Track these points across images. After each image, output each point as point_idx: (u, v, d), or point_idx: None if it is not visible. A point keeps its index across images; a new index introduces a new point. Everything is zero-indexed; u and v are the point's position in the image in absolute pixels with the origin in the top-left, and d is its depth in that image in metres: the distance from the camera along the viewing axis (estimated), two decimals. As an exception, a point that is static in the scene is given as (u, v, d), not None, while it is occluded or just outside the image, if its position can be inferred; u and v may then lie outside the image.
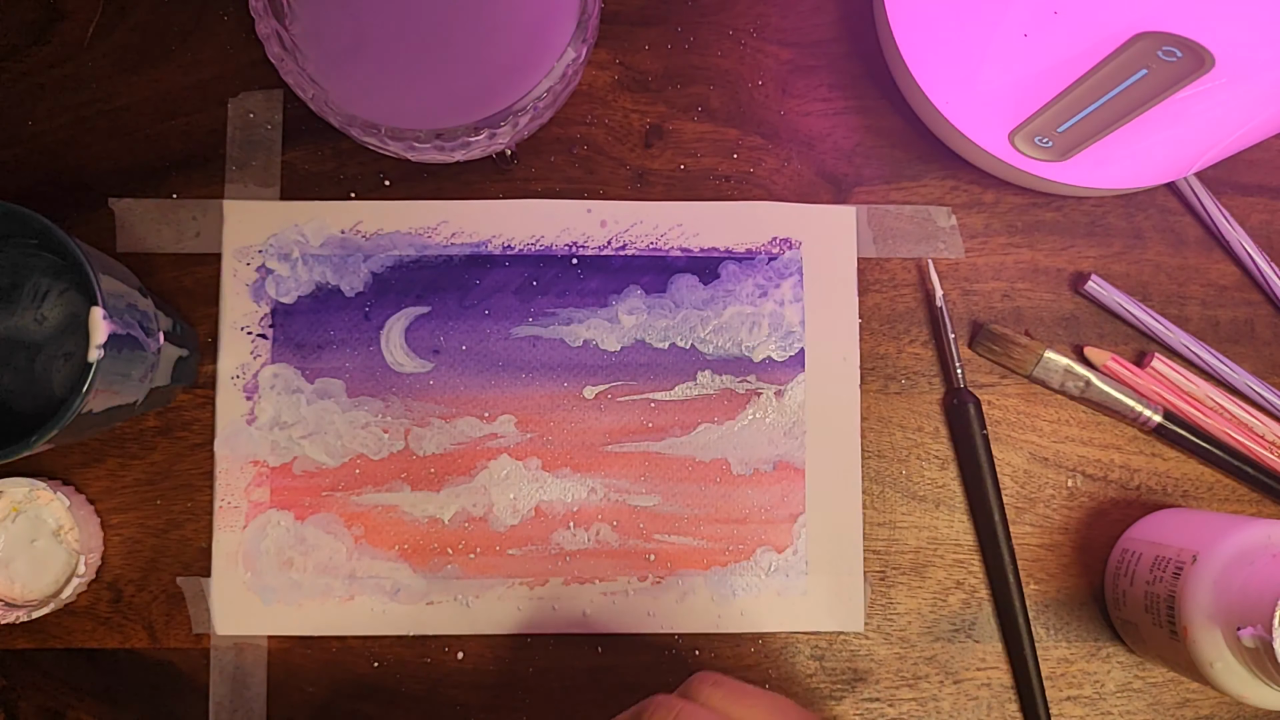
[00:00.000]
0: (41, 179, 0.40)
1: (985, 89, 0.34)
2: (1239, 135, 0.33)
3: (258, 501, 0.39)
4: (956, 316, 0.41)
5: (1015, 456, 0.41)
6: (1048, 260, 0.42)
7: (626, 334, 0.40)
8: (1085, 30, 0.29)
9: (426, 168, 0.41)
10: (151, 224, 0.40)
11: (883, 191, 0.42)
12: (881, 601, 0.40)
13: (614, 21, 0.41)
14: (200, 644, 0.39)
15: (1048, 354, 0.40)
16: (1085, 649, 0.40)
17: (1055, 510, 0.41)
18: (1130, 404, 0.40)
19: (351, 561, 0.39)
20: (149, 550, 0.39)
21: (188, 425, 0.40)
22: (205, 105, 0.40)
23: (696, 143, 0.41)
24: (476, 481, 0.40)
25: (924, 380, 0.41)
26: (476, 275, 0.40)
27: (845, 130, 0.42)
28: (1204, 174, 0.42)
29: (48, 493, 0.37)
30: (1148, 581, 0.37)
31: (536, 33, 0.35)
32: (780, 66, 0.42)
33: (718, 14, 0.42)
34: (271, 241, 0.40)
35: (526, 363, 0.40)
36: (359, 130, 0.32)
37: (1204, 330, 0.42)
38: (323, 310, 0.40)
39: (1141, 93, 0.30)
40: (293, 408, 0.40)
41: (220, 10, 0.41)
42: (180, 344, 0.37)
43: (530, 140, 0.41)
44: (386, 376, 0.40)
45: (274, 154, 0.40)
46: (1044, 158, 0.36)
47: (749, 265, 0.41)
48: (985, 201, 0.42)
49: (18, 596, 0.37)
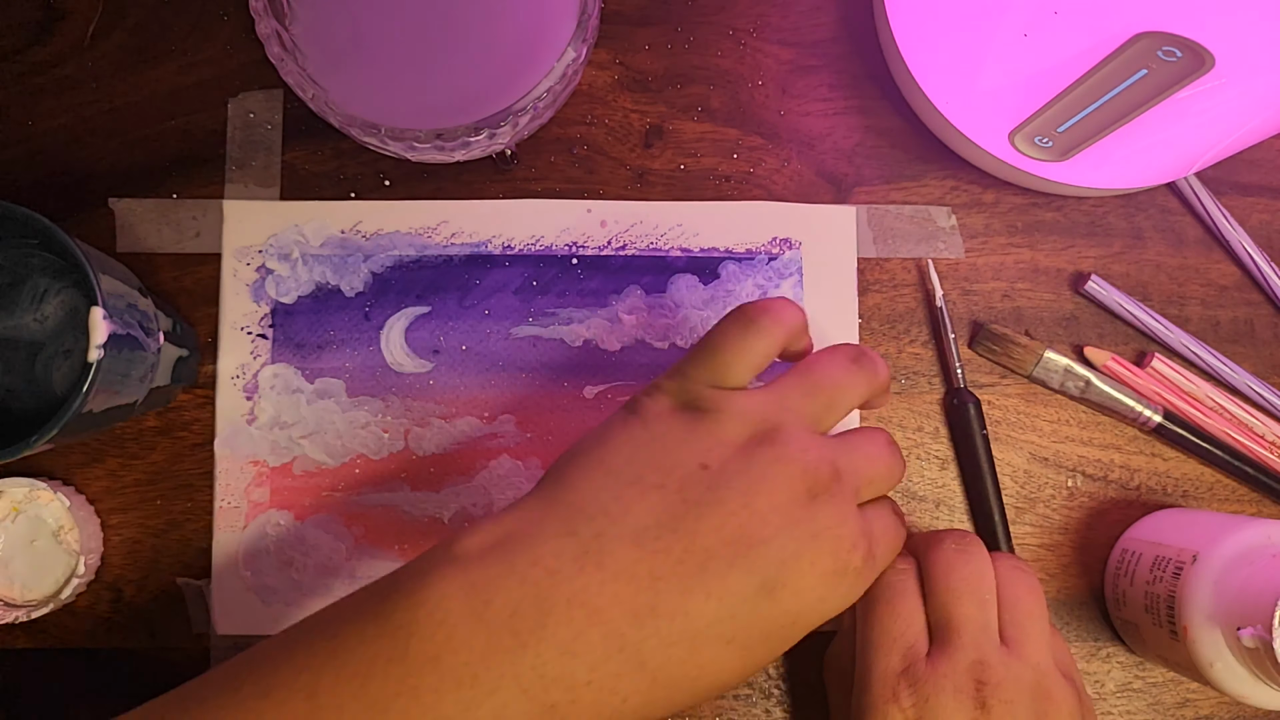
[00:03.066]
0: (41, 179, 0.40)
1: (985, 89, 0.34)
2: (1239, 135, 0.33)
3: (258, 501, 0.39)
4: (956, 316, 0.41)
5: (1015, 456, 0.41)
6: (1048, 260, 0.42)
7: (626, 334, 0.41)
8: (1085, 30, 0.29)
9: (426, 168, 0.41)
10: (151, 224, 0.40)
11: (883, 191, 0.42)
12: (881, 601, 0.40)
13: (614, 21, 0.41)
14: (200, 644, 0.39)
15: (1048, 354, 0.40)
16: (1085, 649, 0.40)
17: (1055, 510, 0.41)
18: (1130, 404, 0.40)
19: (351, 561, 0.39)
20: (149, 550, 0.39)
21: (188, 425, 0.40)
22: (205, 105, 0.40)
23: (696, 143, 0.41)
24: (476, 481, 0.40)
25: (924, 380, 0.41)
26: (476, 275, 0.40)
27: (845, 130, 0.42)
28: (1204, 174, 0.42)
29: (48, 493, 0.37)
30: (1148, 581, 0.37)
31: (536, 33, 0.35)
32: (780, 66, 0.42)
33: (718, 14, 0.42)
34: (271, 241, 0.40)
35: (526, 363, 0.40)
36: (359, 130, 0.32)
37: (1204, 330, 0.42)
38: (323, 310, 0.40)
39: (1141, 93, 0.30)
40: (293, 408, 0.40)
41: (220, 10, 0.41)
42: (180, 344, 0.37)
43: (530, 140, 0.41)
44: (386, 376, 0.40)
45: (274, 154, 0.40)
46: (1044, 158, 0.36)
47: (749, 265, 0.41)
48: (985, 201, 0.42)
49: (18, 596, 0.37)
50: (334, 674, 0.25)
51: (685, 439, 0.29)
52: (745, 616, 0.27)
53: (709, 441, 0.29)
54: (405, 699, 0.25)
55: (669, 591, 0.26)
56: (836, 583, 0.29)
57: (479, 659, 0.25)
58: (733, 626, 0.27)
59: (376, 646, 0.25)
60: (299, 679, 0.25)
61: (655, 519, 0.27)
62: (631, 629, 0.26)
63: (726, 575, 0.27)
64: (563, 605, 0.26)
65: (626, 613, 0.26)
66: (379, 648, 0.25)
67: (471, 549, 0.27)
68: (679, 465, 0.28)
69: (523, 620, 0.26)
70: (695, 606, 0.27)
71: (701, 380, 0.31)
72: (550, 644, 0.25)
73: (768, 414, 0.30)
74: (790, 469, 0.28)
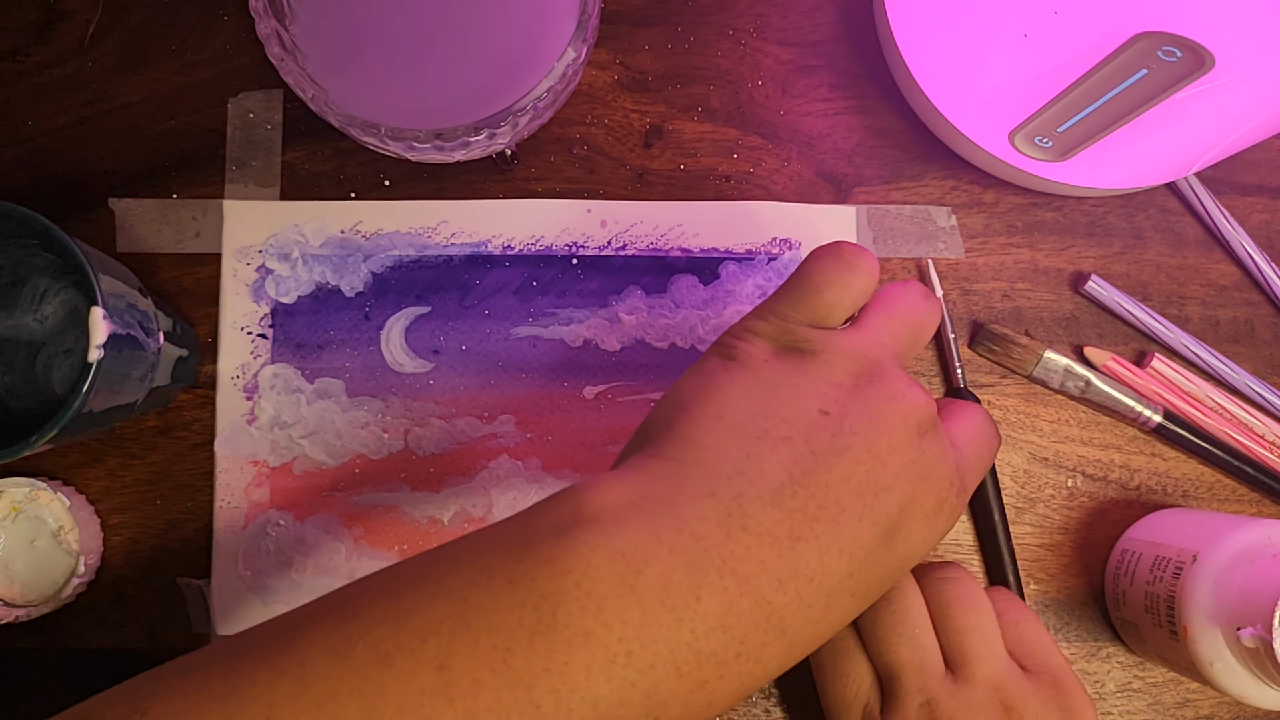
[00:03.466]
0: (41, 179, 0.40)
1: (985, 89, 0.34)
2: (1239, 135, 0.33)
3: (258, 501, 0.39)
4: (956, 316, 0.41)
5: (1015, 456, 0.41)
6: (1048, 260, 0.42)
7: (626, 334, 0.41)
8: (1085, 30, 0.29)
9: (426, 168, 0.41)
10: (151, 224, 0.40)
11: (883, 191, 0.42)
12: (881, 601, 0.40)
13: (614, 21, 0.41)
14: (200, 644, 0.39)
15: (1048, 354, 0.40)
16: (1085, 649, 0.40)
17: (1055, 510, 0.41)
18: (1130, 404, 0.40)
19: (351, 562, 0.39)
20: (149, 550, 0.39)
21: (188, 425, 0.40)
22: (205, 105, 0.40)
23: (696, 143, 0.41)
24: (476, 481, 0.40)
25: (924, 380, 0.41)
26: (476, 275, 0.40)
27: (845, 130, 0.42)
28: (1204, 174, 0.42)
29: (48, 493, 0.37)
30: (1148, 581, 0.37)
31: (536, 33, 0.35)
32: (780, 66, 0.42)
33: (718, 14, 0.42)
34: (271, 241, 0.40)
35: (526, 363, 0.40)
36: (359, 130, 0.32)
37: (1204, 330, 0.42)
38: (323, 310, 0.40)
39: (1141, 93, 0.30)
40: (293, 408, 0.40)
41: (220, 10, 0.41)
42: (180, 344, 0.37)
43: (530, 140, 0.41)
44: (386, 376, 0.40)
45: (274, 154, 0.40)
46: (1044, 158, 0.36)
47: (749, 266, 0.41)
48: (985, 201, 0.42)
49: (18, 596, 0.37)
50: (468, 644, 0.23)
51: (800, 385, 0.27)
52: (870, 567, 0.27)
53: (822, 385, 0.28)
54: (554, 676, 0.23)
55: (808, 552, 0.25)
56: (936, 520, 0.28)
57: (634, 635, 0.23)
58: (859, 579, 0.26)
59: (517, 617, 0.23)
60: (425, 647, 0.23)
61: (789, 474, 0.26)
62: (777, 595, 0.25)
63: (857, 529, 0.26)
64: (714, 575, 0.24)
65: (772, 579, 0.25)
66: (520, 618, 0.23)
67: (608, 509, 0.25)
68: (800, 414, 0.27)
69: (676, 592, 0.24)
70: (830, 565, 0.26)
71: (801, 320, 0.29)
72: (704, 617, 0.24)
73: (869, 352, 0.29)
74: (902, 406, 0.28)
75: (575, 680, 0.23)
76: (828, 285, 0.30)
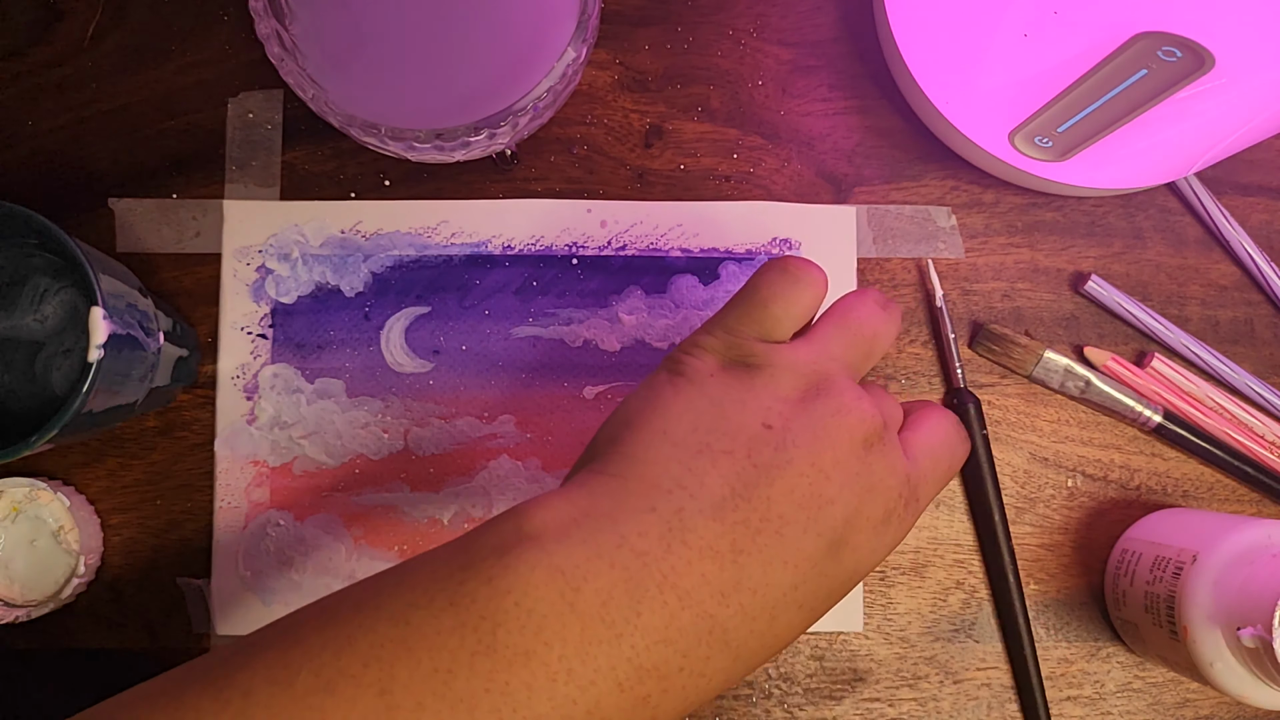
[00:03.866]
0: (41, 179, 0.40)
1: (985, 89, 0.34)
2: (1239, 135, 0.33)
3: (258, 502, 0.39)
4: (956, 316, 0.41)
5: (1015, 456, 0.41)
6: (1048, 260, 0.42)
7: (626, 334, 0.41)
8: (1085, 30, 0.29)
9: (426, 168, 0.41)
10: (151, 224, 0.40)
11: (883, 191, 0.42)
12: (881, 601, 0.40)
13: (614, 21, 0.41)
14: (200, 644, 0.39)
15: (1048, 354, 0.40)
16: (1085, 649, 0.40)
17: (1055, 510, 0.41)
18: (1130, 404, 0.40)
19: (351, 562, 0.39)
20: (149, 550, 0.39)
21: (188, 425, 0.40)
22: (205, 105, 0.40)
23: (696, 143, 0.41)
24: (476, 482, 0.40)
25: (924, 380, 0.41)
26: (476, 275, 0.40)
27: (845, 130, 0.42)
28: (1204, 174, 0.42)
29: (48, 493, 0.37)
30: (1148, 581, 0.37)
31: (536, 33, 0.35)
32: (780, 66, 0.42)
33: (718, 14, 0.42)
34: (271, 241, 0.40)
35: (526, 363, 0.40)
36: (359, 130, 0.32)
37: (1204, 330, 0.42)
38: (323, 310, 0.40)
39: (1141, 93, 0.30)
40: (293, 408, 0.40)
41: (220, 10, 0.41)
42: (180, 344, 0.37)
43: (530, 140, 0.41)
44: (386, 376, 0.40)
45: (274, 154, 0.40)
46: (1044, 158, 0.36)
47: (749, 266, 0.41)
48: (985, 201, 0.42)
49: (18, 596, 0.37)
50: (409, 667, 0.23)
51: (744, 399, 0.28)
52: (815, 580, 0.27)
53: (767, 399, 0.28)
54: (495, 696, 0.23)
55: (751, 565, 0.26)
56: (884, 531, 0.28)
57: (574, 652, 0.23)
58: (805, 591, 0.26)
59: (458, 638, 0.23)
60: (367, 672, 0.23)
61: (730, 488, 0.26)
62: (720, 608, 0.25)
63: (801, 541, 0.26)
64: (655, 589, 0.24)
65: (714, 592, 0.25)
66: (461, 640, 0.23)
67: (549, 526, 0.25)
68: (743, 428, 0.27)
69: (616, 608, 0.24)
70: (774, 577, 0.26)
71: (749, 334, 0.29)
72: (645, 632, 0.24)
73: (817, 365, 0.29)
74: (848, 420, 0.28)
75: (517, 700, 0.23)
76: (774, 299, 0.30)
